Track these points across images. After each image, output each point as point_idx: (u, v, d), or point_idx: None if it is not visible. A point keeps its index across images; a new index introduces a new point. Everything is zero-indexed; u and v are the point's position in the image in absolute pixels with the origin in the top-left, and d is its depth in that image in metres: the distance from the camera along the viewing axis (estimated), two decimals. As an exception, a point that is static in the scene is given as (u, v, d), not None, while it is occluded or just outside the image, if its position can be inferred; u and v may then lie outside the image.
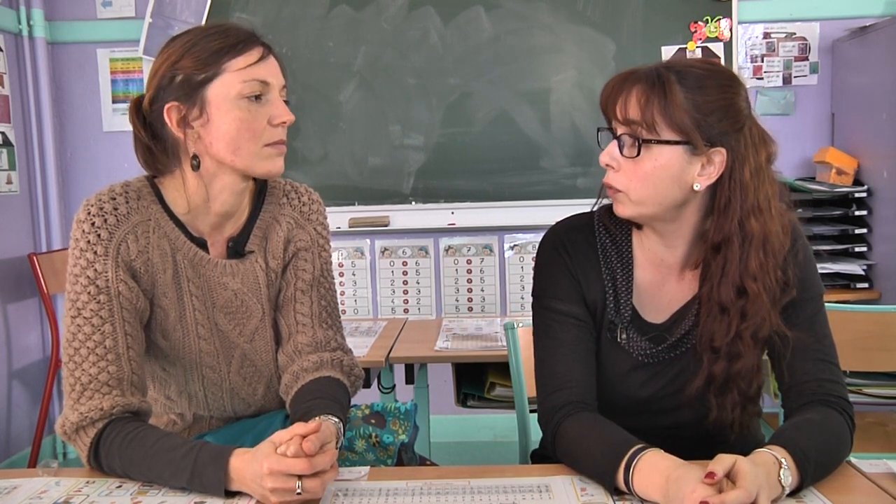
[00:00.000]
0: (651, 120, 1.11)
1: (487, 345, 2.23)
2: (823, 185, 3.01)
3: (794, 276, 1.19)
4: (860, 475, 1.09)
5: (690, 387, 1.19)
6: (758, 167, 1.14)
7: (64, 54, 3.35)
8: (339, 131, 3.25)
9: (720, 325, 1.16)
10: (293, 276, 1.33)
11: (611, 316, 1.24)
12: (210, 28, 1.21)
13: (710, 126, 1.11)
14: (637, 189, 1.14)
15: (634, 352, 1.23)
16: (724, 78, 1.14)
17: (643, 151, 1.12)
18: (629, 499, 1.02)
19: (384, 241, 3.34)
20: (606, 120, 1.19)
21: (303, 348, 1.32)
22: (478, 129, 3.23)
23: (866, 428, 2.17)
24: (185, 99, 1.17)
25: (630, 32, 3.17)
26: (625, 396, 1.24)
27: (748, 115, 1.15)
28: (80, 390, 1.14)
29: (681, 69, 1.13)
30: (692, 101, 1.11)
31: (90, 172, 3.41)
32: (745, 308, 1.15)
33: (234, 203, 1.26)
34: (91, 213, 1.18)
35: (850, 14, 3.14)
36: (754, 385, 1.20)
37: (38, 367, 3.34)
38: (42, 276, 3.05)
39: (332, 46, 3.23)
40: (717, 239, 1.15)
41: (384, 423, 1.27)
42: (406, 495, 1.05)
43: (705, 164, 1.13)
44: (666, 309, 1.24)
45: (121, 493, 1.08)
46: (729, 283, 1.15)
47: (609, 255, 1.25)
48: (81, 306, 1.16)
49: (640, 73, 1.14)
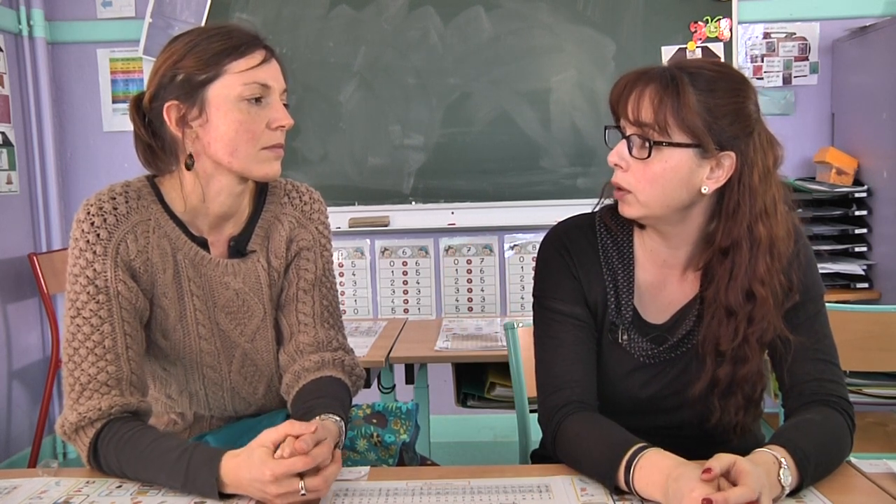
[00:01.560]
0: (663, 122, 1.10)
1: (487, 345, 2.23)
2: (823, 185, 3.01)
3: (798, 278, 1.19)
4: (860, 475, 1.09)
5: (693, 388, 1.19)
6: (766, 171, 1.13)
7: (64, 54, 3.35)
8: (339, 131, 3.24)
9: (727, 328, 1.16)
10: (295, 276, 1.33)
11: (612, 317, 1.23)
12: (213, 29, 1.21)
13: (721, 129, 1.11)
14: (645, 190, 1.14)
15: (636, 352, 1.23)
16: (735, 81, 1.13)
17: (654, 153, 1.12)
18: (629, 498, 1.01)
19: (384, 241, 3.34)
20: (615, 117, 1.18)
21: (304, 348, 1.32)
22: (478, 129, 3.23)
23: (866, 428, 2.17)
24: (185, 98, 1.17)
25: (630, 32, 3.17)
26: (626, 397, 1.24)
27: (757, 119, 1.14)
28: (80, 390, 1.14)
29: (693, 70, 1.12)
30: (704, 104, 1.10)
31: (90, 172, 3.40)
32: (753, 312, 1.15)
33: (231, 204, 1.26)
34: (90, 213, 1.19)
35: (850, 14, 3.14)
36: (758, 389, 1.19)
37: (38, 367, 3.34)
38: (42, 276, 3.04)
39: (332, 46, 3.22)
40: (725, 243, 1.14)
41: (385, 422, 1.27)
42: (406, 495, 1.04)
43: (714, 168, 1.13)
44: (667, 309, 1.24)
45: (121, 494, 1.08)
46: (737, 288, 1.14)
47: (610, 256, 1.24)
48: (81, 306, 1.17)
49: (653, 73, 1.13)
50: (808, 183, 3.04)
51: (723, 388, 1.18)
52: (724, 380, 1.17)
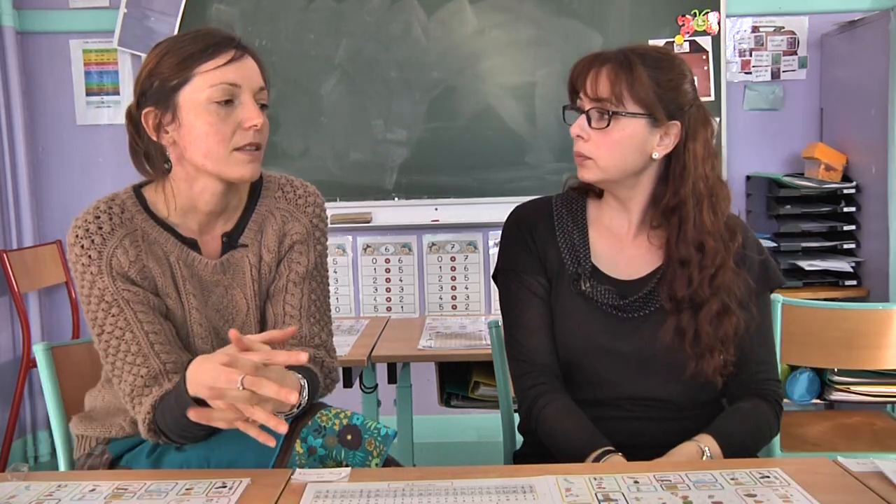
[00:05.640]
0: (619, 95, 1.27)
1: (471, 343, 2.22)
2: (812, 181, 3.00)
3: (757, 266, 1.36)
4: (847, 474, 1.09)
5: (664, 337, 1.30)
6: (706, 140, 1.31)
7: (34, 45, 3.26)
8: (320, 126, 3.21)
9: (681, 278, 1.30)
10: (286, 269, 1.35)
11: (571, 270, 1.36)
12: (188, 34, 1.25)
13: (669, 101, 1.29)
14: (604, 156, 1.30)
15: (599, 300, 1.34)
16: (676, 61, 1.32)
17: (612, 123, 1.28)
18: (614, 498, 1.01)
19: (366, 238, 3.31)
20: (572, 96, 1.35)
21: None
22: (462, 124, 3.20)
23: (854, 426, 2.16)
24: (160, 104, 1.22)
25: (617, 26, 3.15)
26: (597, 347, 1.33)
27: (695, 96, 1.33)
28: (129, 399, 1.23)
29: (642, 52, 1.30)
30: (653, 79, 1.28)
31: (63, 167, 3.32)
32: (703, 261, 1.30)
33: (217, 203, 1.29)
34: (79, 237, 1.24)
35: (838, 8, 3.13)
36: (722, 329, 1.30)
37: (9, 367, 3.25)
38: (13, 274, 2.97)
39: (312, 39, 3.18)
40: (673, 202, 1.31)
41: (360, 441, 1.22)
42: (388, 496, 1.04)
43: (663, 136, 1.30)
44: (627, 267, 1.36)
45: (94, 497, 1.06)
46: (688, 240, 1.30)
47: (564, 222, 1.40)
48: (101, 323, 1.23)
49: (608, 55, 1.30)
50: (796, 179, 3.03)
51: (691, 337, 1.30)
52: (689, 326, 1.30)
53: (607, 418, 1.31)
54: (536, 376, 1.35)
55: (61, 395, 1.49)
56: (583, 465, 1.21)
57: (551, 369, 1.36)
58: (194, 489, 1.07)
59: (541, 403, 1.33)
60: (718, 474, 1.08)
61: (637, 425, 1.33)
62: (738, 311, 1.30)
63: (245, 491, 1.06)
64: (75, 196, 3.28)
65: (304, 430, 1.21)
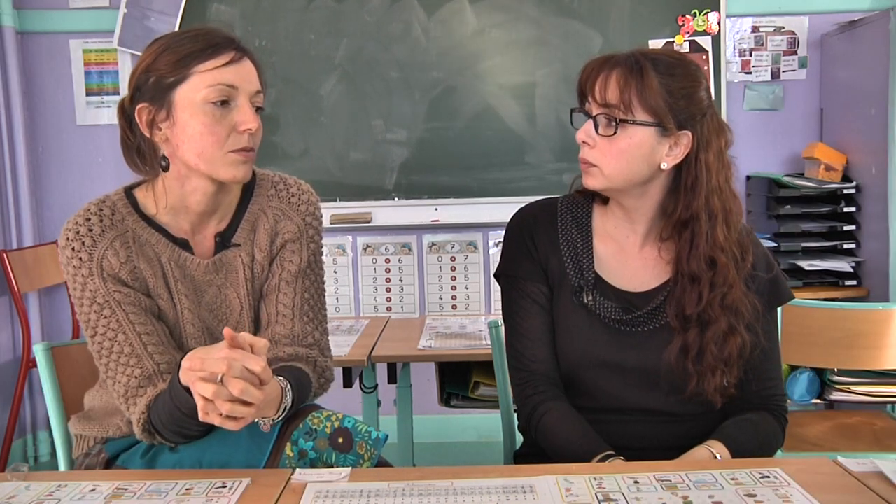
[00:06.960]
0: (628, 102, 1.22)
1: (471, 343, 2.21)
2: (812, 181, 3.00)
3: (766, 282, 1.32)
4: (847, 474, 1.09)
5: (668, 353, 1.27)
6: (719, 151, 1.26)
7: (34, 45, 3.26)
8: (320, 126, 3.20)
9: (691, 294, 1.26)
10: (279, 267, 1.34)
11: (573, 281, 1.32)
12: (188, 31, 1.24)
13: (680, 110, 1.23)
14: (610, 164, 1.25)
15: (602, 314, 1.31)
16: (691, 67, 1.26)
17: (619, 130, 1.23)
18: (615, 499, 1.01)
19: (366, 238, 3.30)
20: (581, 100, 1.29)
21: (279, 339, 1.31)
22: (462, 124, 3.19)
23: (854, 426, 2.16)
24: (154, 101, 1.21)
25: (617, 26, 3.15)
26: (601, 362, 1.30)
27: (709, 103, 1.27)
28: (124, 400, 1.23)
29: (654, 57, 1.25)
30: (665, 86, 1.22)
31: (63, 167, 3.32)
32: (714, 278, 1.26)
33: (209, 203, 1.28)
34: (69, 239, 1.24)
35: (838, 8, 3.13)
36: (727, 349, 1.26)
37: (9, 368, 3.25)
38: (13, 274, 2.96)
39: (312, 39, 3.18)
40: (685, 215, 1.26)
41: (351, 444, 1.22)
42: (388, 496, 1.04)
43: (672, 146, 1.25)
44: (633, 279, 1.33)
45: (94, 497, 1.05)
46: (699, 256, 1.26)
47: (569, 228, 1.36)
48: (94, 325, 1.23)
49: (618, 58, 1.25)
50: (796, 179, 3.03)
51: (694, 354, 1.26)
52: (694, 344, 1.26)
53: (606, 423, 1.30)
54: (536, 385, 1.33)
55: (61, 395, 1.49)
56: (583, 465, 1.20)
57: (551, 377, 1.34)
58: (194, 489, 1.07)
59: (541, 411, 1.31)
60: (718, 474, 1.08)
61: (637, 430, 1.31)
62: (744, 333, 1.27)
63: (245, 491, 1.06)
64: (75, 196, 3.27)
65: (294, 433, 1.20)
